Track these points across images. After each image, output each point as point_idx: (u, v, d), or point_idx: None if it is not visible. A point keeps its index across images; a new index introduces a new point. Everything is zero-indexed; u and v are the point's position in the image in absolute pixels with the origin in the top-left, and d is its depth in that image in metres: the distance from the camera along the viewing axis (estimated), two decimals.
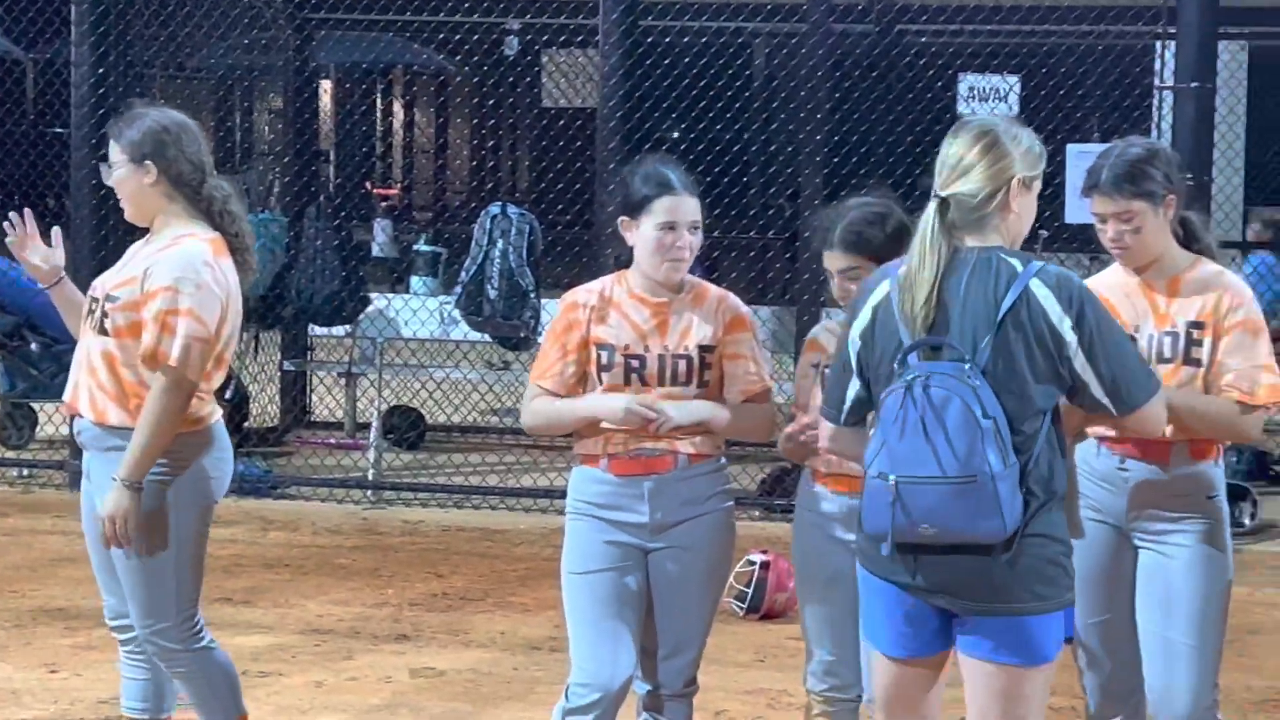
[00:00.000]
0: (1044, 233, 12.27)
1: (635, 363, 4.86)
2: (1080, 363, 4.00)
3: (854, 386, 4.18)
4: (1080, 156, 9.74)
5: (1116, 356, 4.03)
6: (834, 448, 4.33)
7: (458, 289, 11.03)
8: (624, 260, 4.97)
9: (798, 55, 10.16)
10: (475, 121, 22.87)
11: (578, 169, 11.30)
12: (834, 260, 4.84)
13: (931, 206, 4.04)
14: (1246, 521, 9.61)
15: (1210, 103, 9.28)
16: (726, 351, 4.90)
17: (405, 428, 12.20)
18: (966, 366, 3.93)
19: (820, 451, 4.58)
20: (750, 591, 7.93)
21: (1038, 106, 10.95)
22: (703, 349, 4.87)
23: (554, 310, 5.05)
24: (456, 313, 11.09)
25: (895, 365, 4.02)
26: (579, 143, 11.90)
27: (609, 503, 4.89)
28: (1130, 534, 4.83)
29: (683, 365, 4.86)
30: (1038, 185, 4.14)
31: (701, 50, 11.54)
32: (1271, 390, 4.72)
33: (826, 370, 4.69)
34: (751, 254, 10.04)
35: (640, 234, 4.84)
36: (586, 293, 4.95)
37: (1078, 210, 9.65)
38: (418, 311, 11.75)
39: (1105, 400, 4.03)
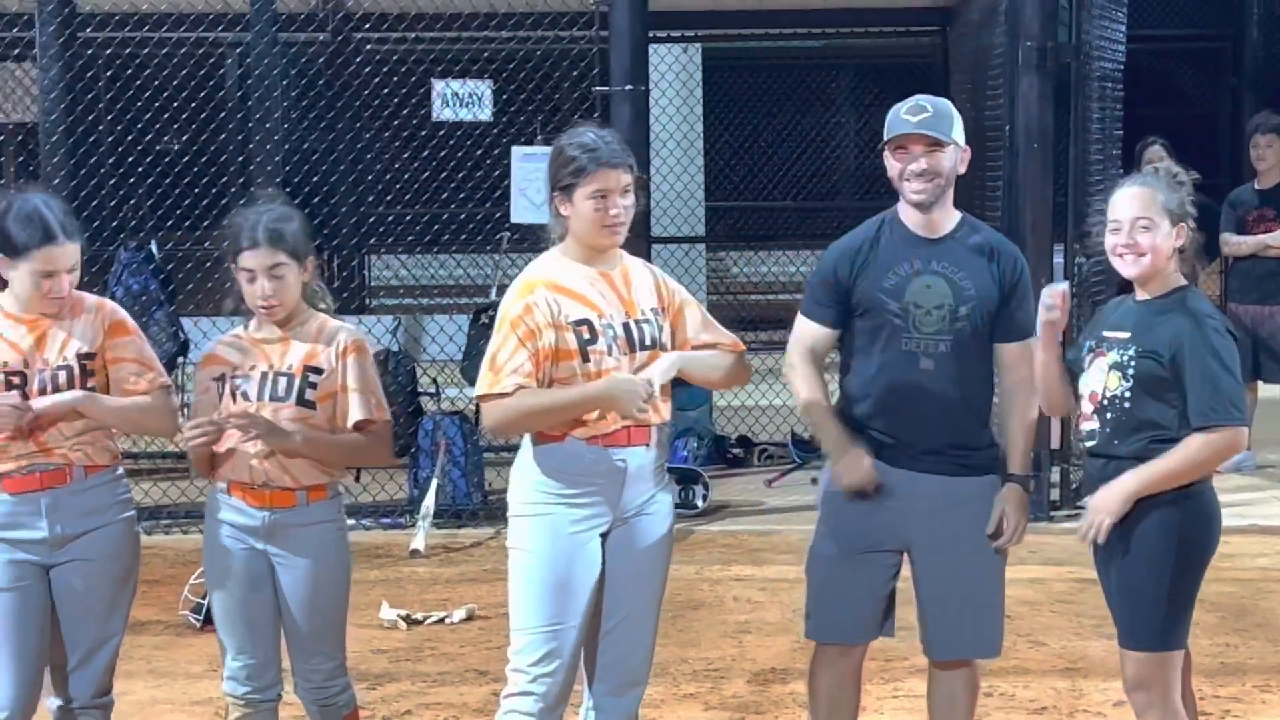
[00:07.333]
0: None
1: (18, 379, 4.90)
2: None
3: None
4: (525, 159, 10.02)
5: None
6: None
7: None
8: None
9: (244, 65, 10.15)
10: None
11: (21, 185, 11.00)
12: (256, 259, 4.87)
13: None
14: (699, 504, 10.03)
15: (644, 104, 9.64)
16: (109, 356, 4.99)
17: None
18: None
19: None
20: (206, 603, 7.88)
21: (518, 110, 11.20)
22: (83, 357, 4.94)
23: None
24: None
25: None
26: (21, 158, 11.61)
27: (6, 522, 4.90)
28: None
29: (63, 376, 4.92)
30: None
31: (181, 61, 11.39)
32: None
33: (234, 381, 4.83)
34: (209, 264, 9.94)
35: (17, 276, 4.90)
36: None
37: (524, 211, 9.95)
38: None
39: None
